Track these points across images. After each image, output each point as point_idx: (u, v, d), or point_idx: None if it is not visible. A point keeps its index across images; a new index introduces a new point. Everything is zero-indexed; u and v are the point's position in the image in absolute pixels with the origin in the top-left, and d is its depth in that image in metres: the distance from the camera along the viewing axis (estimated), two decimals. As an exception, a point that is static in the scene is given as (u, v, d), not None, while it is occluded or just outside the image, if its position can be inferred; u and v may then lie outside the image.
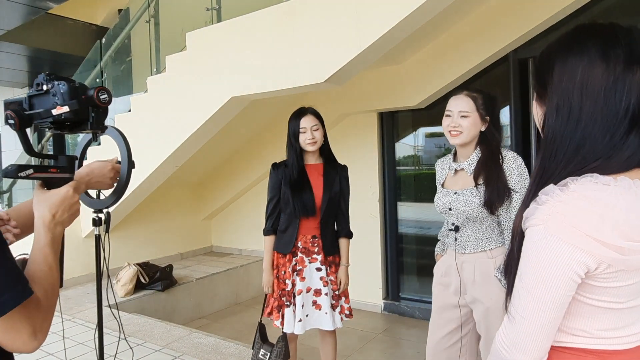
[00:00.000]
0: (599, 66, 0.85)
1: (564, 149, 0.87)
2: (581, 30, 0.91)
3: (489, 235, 1.97)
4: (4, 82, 7.95)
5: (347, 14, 2.86)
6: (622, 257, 0.79)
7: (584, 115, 0.85)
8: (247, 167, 5.53)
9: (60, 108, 1.05)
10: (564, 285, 0.82)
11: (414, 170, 4.81)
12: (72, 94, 1.07)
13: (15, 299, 0.84)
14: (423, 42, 3.81)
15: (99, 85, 1.12)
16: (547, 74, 0.91)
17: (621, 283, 0.83)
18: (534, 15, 3.33)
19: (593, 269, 0.81)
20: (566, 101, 0.87)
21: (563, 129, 0.87)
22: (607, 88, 0.84)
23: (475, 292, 1.97)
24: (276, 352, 2.48)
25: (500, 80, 4.02)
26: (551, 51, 0.93)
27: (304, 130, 2.51)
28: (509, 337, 0.88)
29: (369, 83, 4.30)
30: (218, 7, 4.17)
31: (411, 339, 4.10)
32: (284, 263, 2.58)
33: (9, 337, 0.85)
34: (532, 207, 0.86)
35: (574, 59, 0.87)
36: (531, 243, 0.85)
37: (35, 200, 1.01)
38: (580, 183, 0.83)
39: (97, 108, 1.11)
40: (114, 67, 5.27)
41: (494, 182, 1.91)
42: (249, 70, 3.43)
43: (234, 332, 4.28)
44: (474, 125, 1.99)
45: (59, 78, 1.09)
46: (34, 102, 1.11)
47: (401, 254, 4.79)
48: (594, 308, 0.86)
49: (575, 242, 0.80)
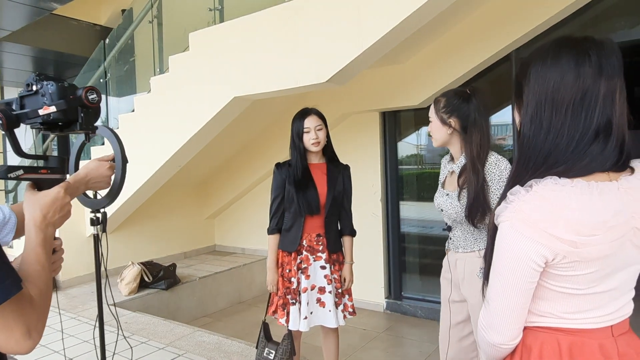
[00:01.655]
0: (569, 78, 0.93)
1: (534, 158, 0.98)
2: (557, 43, 0.98)
3: (477, 236, 1.98)
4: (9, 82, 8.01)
5: (349, 13, 2.87)
6: (575, 249, 0.90)
7: (553, 128, 0.95)
8: (249, 166, 5.55)
9: (47, 108, 1.04)
10: (526, 273, 0.95)
11: (416, 169, 4.81)
12: (60, 94, 1.06)
13: (3, 294, 0.82)
14: (425, 41, 3.81)
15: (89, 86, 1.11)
16: (523, 83, 1.01)
17: (578, 272, 0.94)
18: (536, 15, 3.33)
19: (550, 259, 0.93)
20: (538, 113, 0.97)
21: (535, 140, 0.97)
22: (575, 103, 0.93)
23: (464, 289, 2.03)
24: (282, 350, 2.50)
25: (502, 79, 4.02)
26: (528, 61, 1.01)
27: (307, 130, 2.53)
28: (485, 319, 1.02)
29: (371, 82, 4.31)
30: (221, 7, 4.19)
31: (413, 338, 4.11)
32: (289, 261, 2.59)
33: (2, 337, 0.83)
34: (502, 206, 0.98)
35: (547, 70, 0.96)
36: (500, 236, 0.98)
37: (26, 201, 1.00)
38: (542, 185, 0.94)
39: (86, 108, 1.10)
40: (118, 67, 5.30)
41: (472, 196, 1.88)
42: (251, 70, 3.45)
43: (237, 331, 4.30)
44: (436, 129, 2.01)
45: (49, 78, 1.08)
46: (25, 102, 1.10)
47: (403, 253, 4.80)
48: (556, 293, 0.98)
49: (534, 236, 0.92)
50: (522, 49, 3.75)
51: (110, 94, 5.31)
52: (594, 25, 3.53)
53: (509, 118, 4.00)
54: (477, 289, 1.94)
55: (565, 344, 0.97)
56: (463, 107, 1.95)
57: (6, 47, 6.11)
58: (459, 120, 1.96)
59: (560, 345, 0.97)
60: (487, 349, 1.05)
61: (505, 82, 3.96)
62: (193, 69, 3.91)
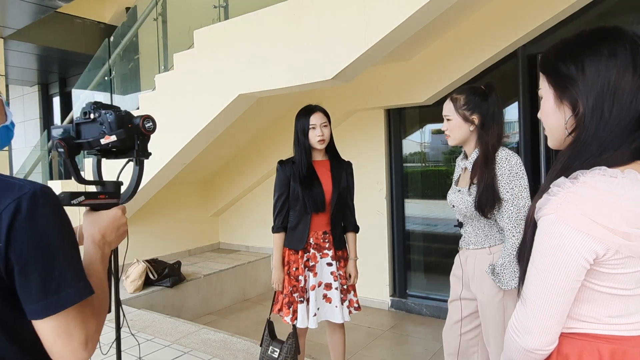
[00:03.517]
0: (629, 72, 0.90)
1: (589, 149, 0.92)
2: (605, 34, 0.95)
3: (488, 232, 1.99)
4: (14, 80, 8.02)
5: (354, 10, 2.86)
6: (629, 242, 0.84)
7: (612, 119, 0.90)
8: (254, 164, 5.54)
9: (108, 137, 1.09)
10: (573, 271, 0.88)
11: (420, 167, 4.80)
12: (119, 123, 1.10)
13: (78, 294, 0.82)
14: (431, 38, 3.79)
15: (145, 114, 1.15)
16: (574, 74, 0.94)
17: (628, 270, 0.88)
18: (543, 11, 3.31)
19: (601, 255, 0.86)
20: (600, 105, 0.91)
21: (594, 131, 0.92)
22: (632, 94, 0.89)
23: (473, 286, 2.03)
24: (287, 349, 2.49)
25: (509, 76, 4.00)
26: (575, 51, 0.95)
27: (313, 127, 2.53)
28: (519, 321, 0.94)
29: (376, 80, 4.29)
30: (225, 4, 4.19)
31: (418, 336, 4.10)
32: (295, 259, 2.59)
33: (60, 342, 0.81)
34: (545, 198, 0.91)
35: (607, 63, 0.91)
36: (543, 231, 0.91)
37: (86, 221, 1.05)
38: (590, 175, 0.88)
39: (142, 136, 1.16)
40: (122, 65, 5.30)
41: (482, 186, 1.91)
42: (256, 68, 3.44)
43: (242, 328, 4.30)
44: (457, 127, 2.02)
45: (105, 107, 1.13)
46: (81, 129, 1.15)
47: (408, 251, 4.78)
48: (602, 295, 0.91)
49: (584, 228, 0.85)
50: (528, 45, 3.72)
51: (115, 92, 5.31)
52: (601, 21, 3.51)
53: (513, 115, 3.97)
54: (486, 286, 1.94)
55: (607, 352, 0.90)
56: (483, 103, 1.98)
57: (11, 45, 6.12)
58: (480, 116, 1.98)
59: (601, 354, 0.90)
60: (517, 356, 0.96)
61: (511, 79, 3.94)
62: (198, 66, 3.91)
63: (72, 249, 0.85)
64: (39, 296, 0.79)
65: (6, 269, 0.79)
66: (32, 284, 0.79)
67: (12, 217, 0.78)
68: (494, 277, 1.89)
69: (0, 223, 0.78)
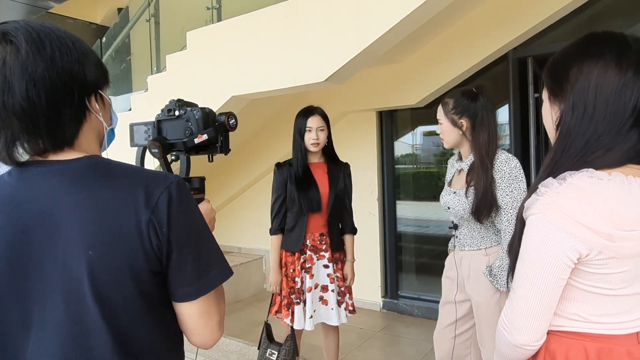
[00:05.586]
0: (613, 70, 0.92)
1: (575, 144, 0.94)
2: (596, 38, 0.99)
3: (485, 234, 1.99)
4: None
5: (347, 13, 2.88)
6: (612, 244, 0.87)
7: (597, 113, 0.93)
8: (246, 165, 5.54)
9: (201, 137, 1.14)
10: (557, 269, 0.91)
11: (412, 168, 4.82)
12: (205, 121, 1.15)
13: (223, 274, 0.88)
14: (423, 41, 3.82)
15: (229, 112, 1.18)
16: (563, 74, 0.99)
17: (612, 270, 0.90)
18: (533, 14, 3.34)
19: (585, 255, 0.89)
20: (581, 100, 0.94)
21: (577, 126, 0.95)
22: (617, 89, 0.91)
23: (468, 287, 2.03)
24: (285, 351, 2.49)
25: (499, 79, 4.04)
26: (568, 54, 1.00)
27: (309, 130, 2.54)
28: (508, 318, 0.97)
29: (368, 82, 4.31)
30: (218, 6, 4.19)
31: (410, 337, 4.12)
32: (292, 261, 2.60)
33: (202, 323, 0.86)
34: (533, 198, 0.94)
35: (589, 62, 0.95)
36: (530, 230, 0.94)
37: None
38: (577, 177, 0.91)
39: (226, 132, 1.19)
40: (115, 65, 5.29)
41: (480, 192, 1.90)
42: (249, 69, 3.44)
43: (235, 330, 4.29)
44: (448, 131, 2.02)
45: (188, 104, 1.18)
46: (162, 126, 1.21)
47: (400, 252, 4.80)
48: (587, 293, 0.94)
49: (569, 229, 0.88)
50: (518, 48, 3.77)
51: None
52: (591, 25, 3.55)
53: (503, 118, 4.01)
54: (482, 287, 1.94)
55: (593, 350, 0.93)
56: (471, 106, 1.97)
57: (1, 45, 6.09)
58: (469, 119, 1.97)
59: (588, 352, 0.93)
60: (507, 351, 1.00)
61: (502, 82, 3.98)
62: (190, 68, 3.90)
63: (210, 232, 0.91)
64: (194, 278, 0.83)
65: (167, 254, 0.82)
66: (188, 267, 0.83)
67: (168, 204, 0.82)
68: (491, 279, 1.90)
69: (160, 210, 0.81)
